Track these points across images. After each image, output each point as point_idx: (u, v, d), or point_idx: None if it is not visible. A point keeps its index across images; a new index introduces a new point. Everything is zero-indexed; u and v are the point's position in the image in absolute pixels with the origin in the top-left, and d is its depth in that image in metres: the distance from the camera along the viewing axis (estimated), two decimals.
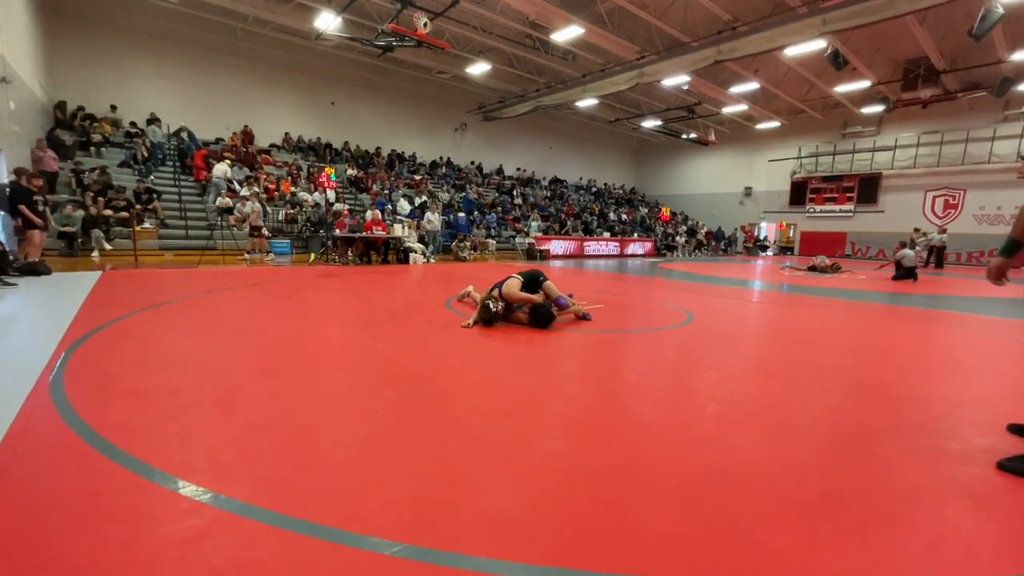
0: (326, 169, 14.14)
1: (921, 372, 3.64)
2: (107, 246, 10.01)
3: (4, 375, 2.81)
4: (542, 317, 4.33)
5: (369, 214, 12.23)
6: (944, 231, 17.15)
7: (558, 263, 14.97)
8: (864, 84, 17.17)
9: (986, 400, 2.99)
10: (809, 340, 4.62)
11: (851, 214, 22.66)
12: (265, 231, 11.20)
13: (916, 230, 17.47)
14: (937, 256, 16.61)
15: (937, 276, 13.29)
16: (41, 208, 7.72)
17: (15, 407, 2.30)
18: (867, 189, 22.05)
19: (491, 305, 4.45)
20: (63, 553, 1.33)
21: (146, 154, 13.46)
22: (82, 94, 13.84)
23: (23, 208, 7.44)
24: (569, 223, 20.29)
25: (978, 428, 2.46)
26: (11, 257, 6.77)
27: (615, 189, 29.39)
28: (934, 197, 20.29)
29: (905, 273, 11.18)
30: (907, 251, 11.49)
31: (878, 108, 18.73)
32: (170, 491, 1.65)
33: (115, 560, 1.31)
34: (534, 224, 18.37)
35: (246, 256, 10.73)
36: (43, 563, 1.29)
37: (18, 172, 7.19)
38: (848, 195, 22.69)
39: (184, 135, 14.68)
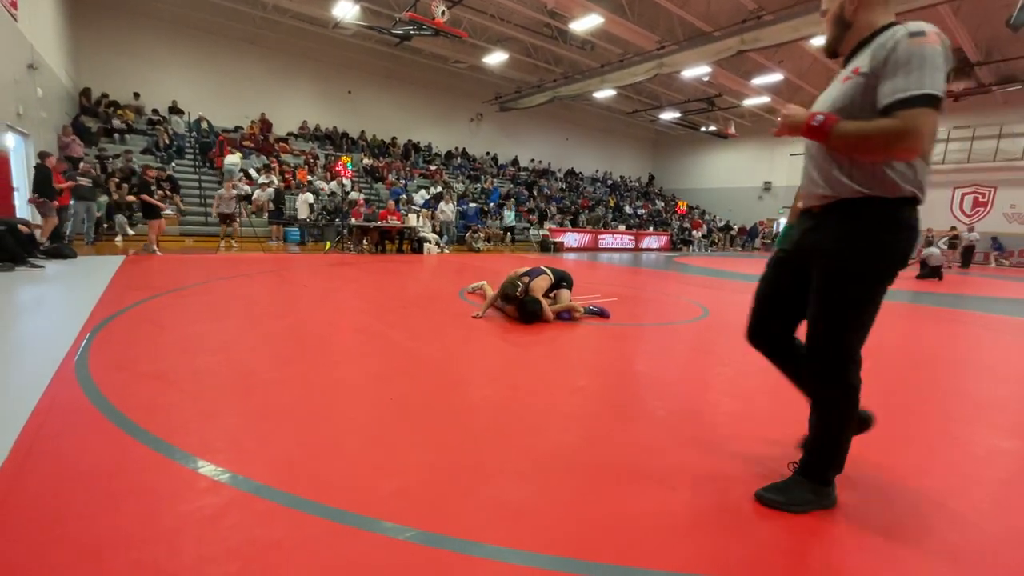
0: (342, 158, 14.21)
1: (947, 373, 3.54)
2: (130, 231, 10.22)
3: (32, 354, 2.90)
4: (533, 315, 4.36)
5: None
6: (972, 229, 16.67)
7: (571, 256, 14.89)
8: None
9: (1012, 403, 2.90)
10: None
11: None
12: (238, 222, 10.71)
13: (928, 229, 17.06)
14: (964, 255, 16.16)
15: (963, 276, 12.91)
16: (158, 197, 8.38)
17: (42, 385, 2.37)
18: None
19: (518, 284, 4.46)
20: (87, 527, 1.37)
21: (168, 141, 13.68)
22: (106, 81, 14.10)
23: (144, 197, 8.08)
24: (549, 213, 19.30)
25: (1003, 431, 2.39)
26: (38, 241, 6.95)
27: (631, 182, 29.04)
28: (963, 194, 19.61)
29: (930, 272, 10.93)
30: (932, 249, 11.19)
31: None
32: (190, 470, 1.69)
33: (136, 536, 1.34)
34: (508, 214, 16.70)
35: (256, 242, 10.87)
36: (67, 537, 1.33)
37: (42, 155, 7.39)
38: None
39: (204, 125, 14.88)
